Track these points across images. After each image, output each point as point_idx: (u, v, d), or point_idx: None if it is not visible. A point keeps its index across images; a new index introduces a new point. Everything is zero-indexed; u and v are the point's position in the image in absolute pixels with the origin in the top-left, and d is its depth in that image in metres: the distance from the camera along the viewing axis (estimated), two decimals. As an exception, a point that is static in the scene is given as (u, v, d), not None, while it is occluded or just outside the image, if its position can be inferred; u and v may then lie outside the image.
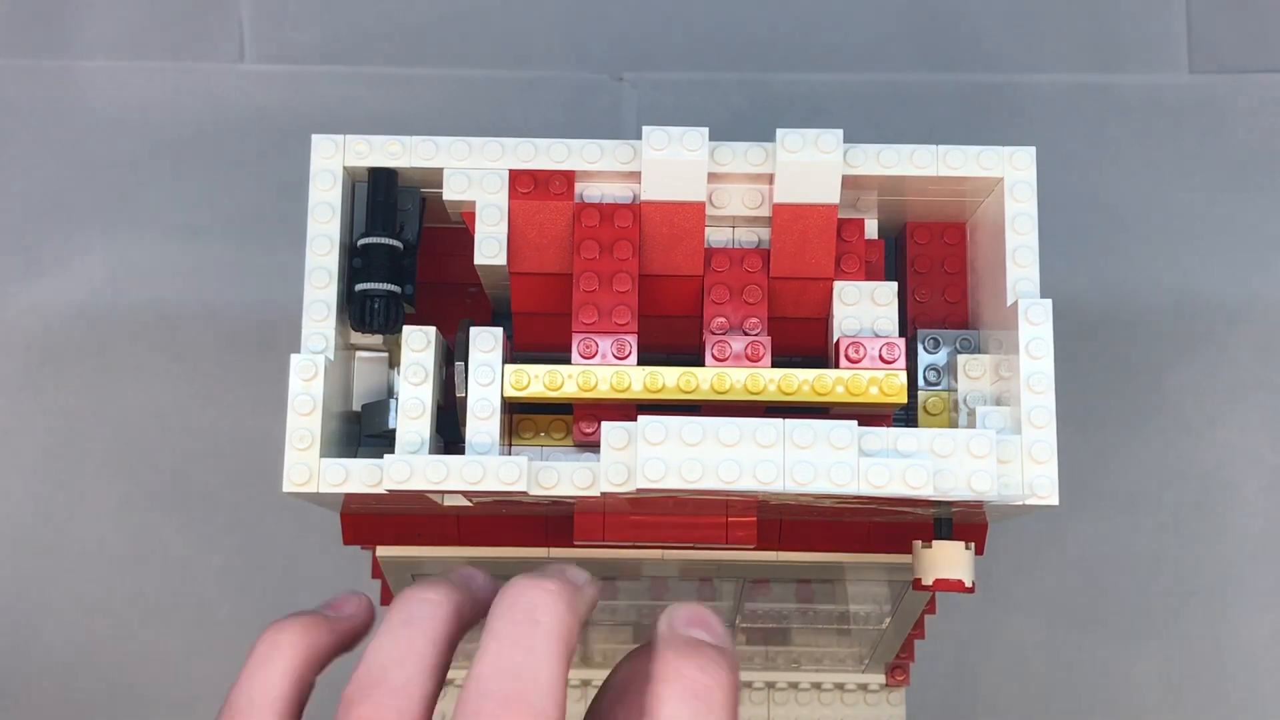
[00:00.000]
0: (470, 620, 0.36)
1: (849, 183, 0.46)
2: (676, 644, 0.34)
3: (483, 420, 0.44)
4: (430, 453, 0.44)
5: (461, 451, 0.44)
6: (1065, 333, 0.46)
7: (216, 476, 0.76)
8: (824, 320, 0.47)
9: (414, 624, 0.35)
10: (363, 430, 0.47)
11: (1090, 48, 0.81)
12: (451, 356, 0.47)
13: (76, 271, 0.77)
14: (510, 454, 0.48)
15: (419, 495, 0.44)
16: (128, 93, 0.79)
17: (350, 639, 0.38)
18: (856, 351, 0.45)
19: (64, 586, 0.75)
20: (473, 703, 0.33)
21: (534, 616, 0.34)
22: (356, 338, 0.47)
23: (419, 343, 0.45)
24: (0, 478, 0.76)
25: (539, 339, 0.48)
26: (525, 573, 0.35)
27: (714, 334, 0.46)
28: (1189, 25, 0.81)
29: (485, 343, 0.45)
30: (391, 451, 0.43)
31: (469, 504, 0.46)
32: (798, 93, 0.80)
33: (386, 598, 0.59)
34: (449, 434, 0.46)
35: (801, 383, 0.44)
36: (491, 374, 0.44)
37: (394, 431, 0.44)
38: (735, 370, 0.44)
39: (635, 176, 0.46)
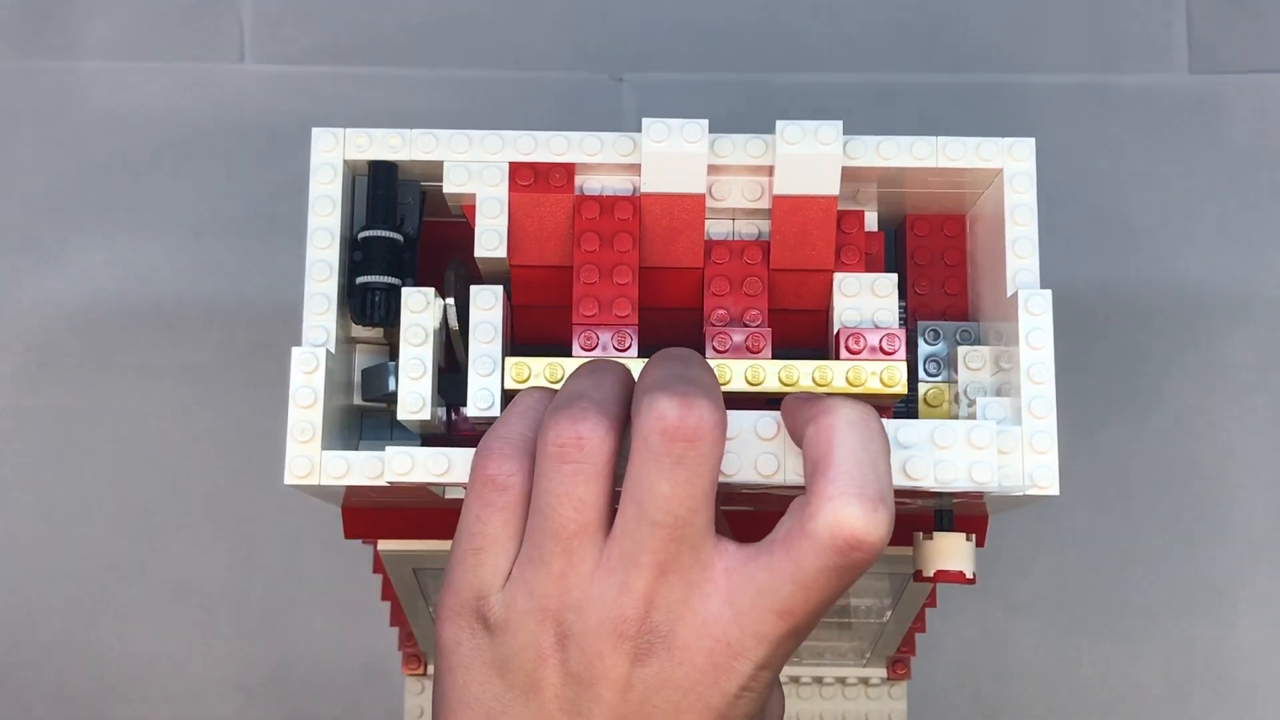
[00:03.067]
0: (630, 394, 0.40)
1: (849, 175, 0.46)
2: (816, 395, 0.39)
3: (484, 377, 0.44)
4: (431, 415, 0.44)
5: (464, 415, 0.44)
6: (1065, 332, 0.46)
7: (216, 476, 0.76)
8: (824, 312, 0.47)
9: (603, 370, 0.40)
10: (362, 395, 0.47)
11: (1090, 48, 0.81)
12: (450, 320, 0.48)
13: (76, 271, 0.77)
14: None
15: (421, 488, 0.44)
16: (128, 93, 0.79)
17: None
18: (857, 343, 0.45)
19: (64, 586, 0.75)
20: (653, 385, 0.38)
21: (685, 356, 0.40)
22: (357, 331, 0.47)
23: (418, 304, 0.45)
24: (0, 477, 0.76)
25: (540, 331, 0.48)
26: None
27: (714, 326, 0.46)
28: (1189, 25, 0.81)
29: (485, 300, 0.45)
30: (390, 415, 0.43)
31: None
32: (798, 93, 0.80)
33: (388, 592, 0.59)
34: (450, 397, 0.46)
35: (801, 374, 0.44)
36: (492, 331, 0.45)
37: (393, 394, 0.45)
38: (735, 362, 0.44)
39: (635, 169, 0.46)
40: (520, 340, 0.49)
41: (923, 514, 0.49)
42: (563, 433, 0.38)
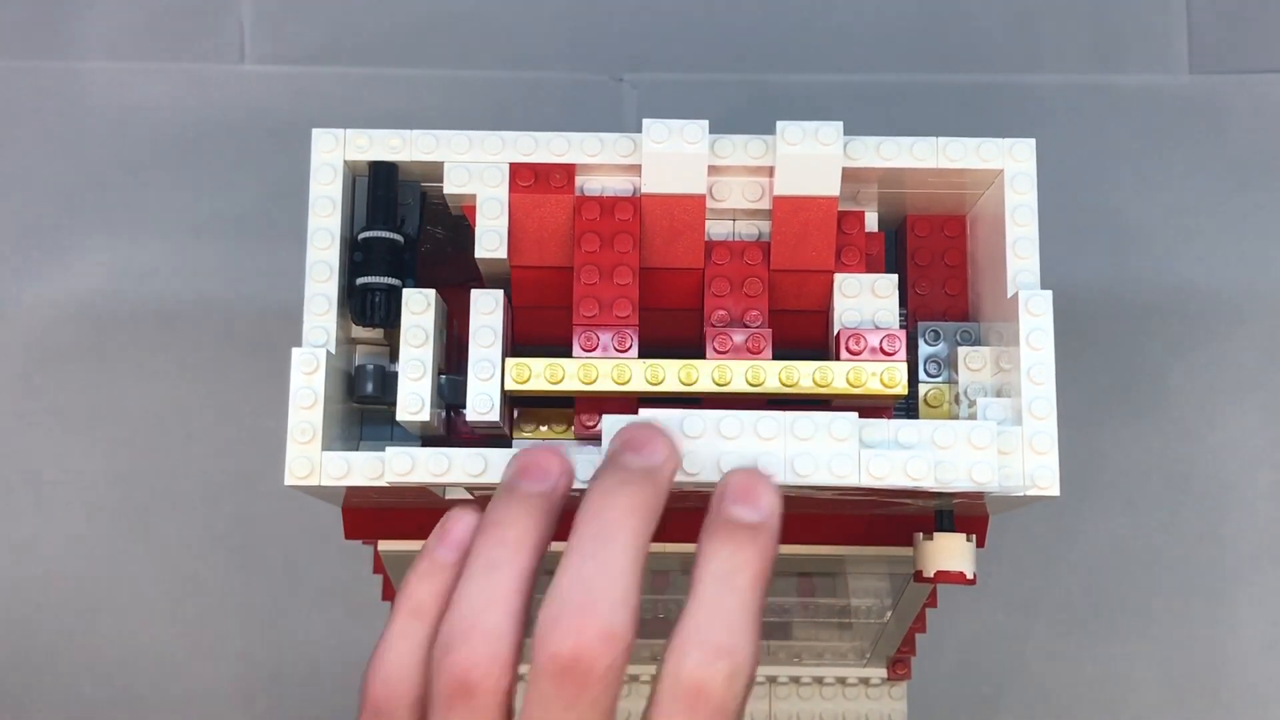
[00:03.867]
0: (549, 538, 0.39)
1: (849, 175, 0.46)
2: (714, 527, 0.38)
3: (484, 381, 0.44)
4: (430, 416, 0.44)
5: (464, 417, 0.44)
6: (1065, 332, 0.46)
7: (216, 476, 0.76)
8: (824, 313, 0.48)
9: (498, 568, 0.37)
10: (355, 391, 0.47)
11: (1090, 48, 0.81)
12: (451, 322, 0.48)
13: (76, 271, 0.77)
14: (512, 446, 0.48)
15: (421, 489, 0.44)
16: (128, 93, 0.79)
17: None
18: (857, 344, 0.45)
19: (64, 587, 0.75)
20: (554, 609, 0.36)
21: (610, 533, 0.37)
22: (357, 331, 0.47)
23: (419, 305, 0.45)
24: (0, 477, 0.76)
25: (540, 332, 0.48)
26: (612, 450, 0.39)
27: (715, 326, 0.46)
28: (1189, 25, 0.81)
29: (486, 305, 0.45)
30: (390, 415, 0.43)
31: (470, 497, 0.46)
32: (798, 93, 0.80)
33: (388, 593, 0.59)
34: (450, 399, 0.46)
35: (802, 375, 0.44)
36: (492, 335, 0.45)
37: (371, 396, 0.45)
38: (736, 363, 0.44)
39: (635, 170, 0.46)
40: (521, 341, 0.49)
41: (923, 515, 0.49)
42: (454, 679, 0.36)
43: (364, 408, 0.48)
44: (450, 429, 0.48)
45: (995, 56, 0.81)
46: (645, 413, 0.42)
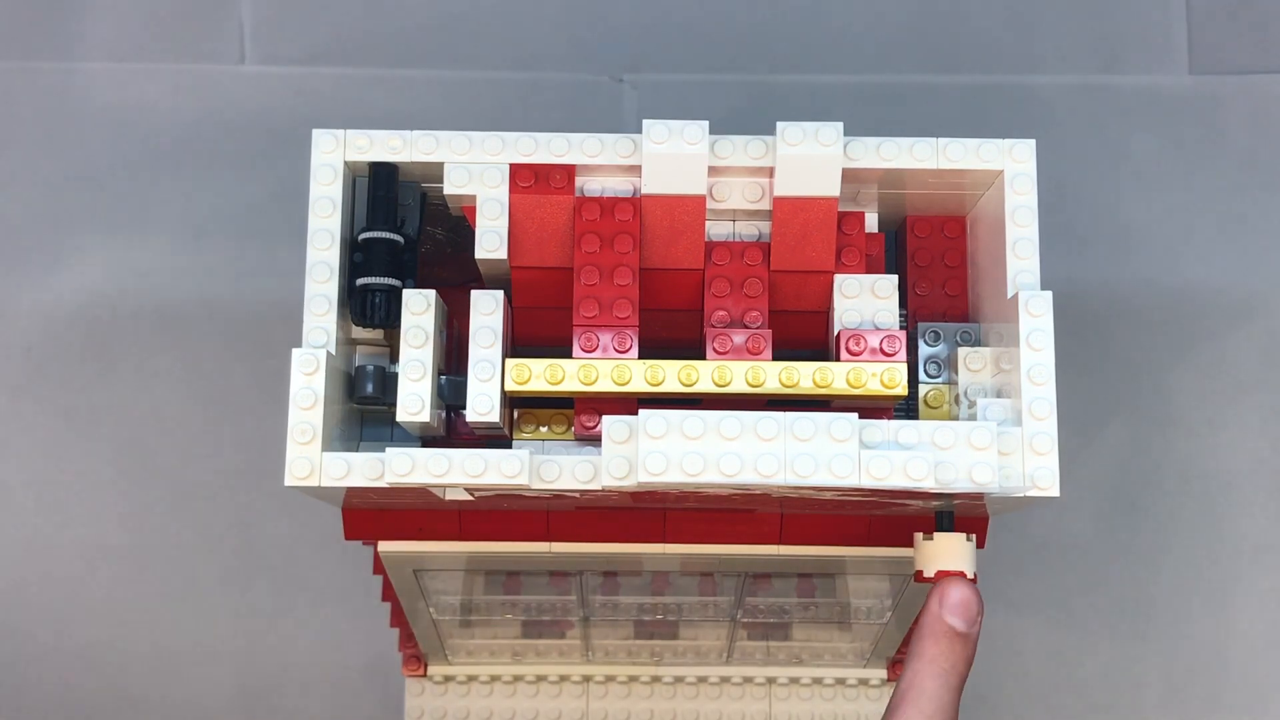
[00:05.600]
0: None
1: (849, 176, 0.46)
2: (934, 630, 0.45)
3: (484, 382, 0.44)
4: (431, 416, 0.44)
5: (464, 418, 0.44)
6: (1065, 333, 0.46)
7: (216, 476, 0.76)
8: (824, 313, 0.48)
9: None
10: (355, 392, 0.47)
11: (1090, 48, 0.81)
12: (451, 322, 0.47)
13: (76, 271, 0.77)
14: (512, 446, 0.48)
15: (421, 489, 0.44)
16: (128, 94, 0.79)
17: None
18: (857, 344, 0.45)
19: (64, 586, 0.75)
20: None
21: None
22: (357, 332, 0.47)
23: (419, 305, 0.45)
24: (0, 478, 0.76)
25: (540, 332, 0.48)
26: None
27: (715, 327, 0.46)
28: (1189, 25, 0.81)
29: (486, 305, 0.45)
30: (390, 416, 0.43)
31: (470, 497, 0.46)
32: (798, 93, 0.80)
33: (388, 593, 0.59)
34: (450, 400, 0.46)
35: (802, 375, 0.44)
36: (492, 336, 0.45)
37: (372, 397, 0.45)
38: (736, 363, 0.44)
39: (636, 170, 0.46)
40: (521, 342, 0.49)
41: (923, 515, 0.49)
42: None
43: (364, 408, 0.48)
44: (450, 429, 0.48)
45: (995, 56, 0.81)
46: (644, 412, 0.42)
